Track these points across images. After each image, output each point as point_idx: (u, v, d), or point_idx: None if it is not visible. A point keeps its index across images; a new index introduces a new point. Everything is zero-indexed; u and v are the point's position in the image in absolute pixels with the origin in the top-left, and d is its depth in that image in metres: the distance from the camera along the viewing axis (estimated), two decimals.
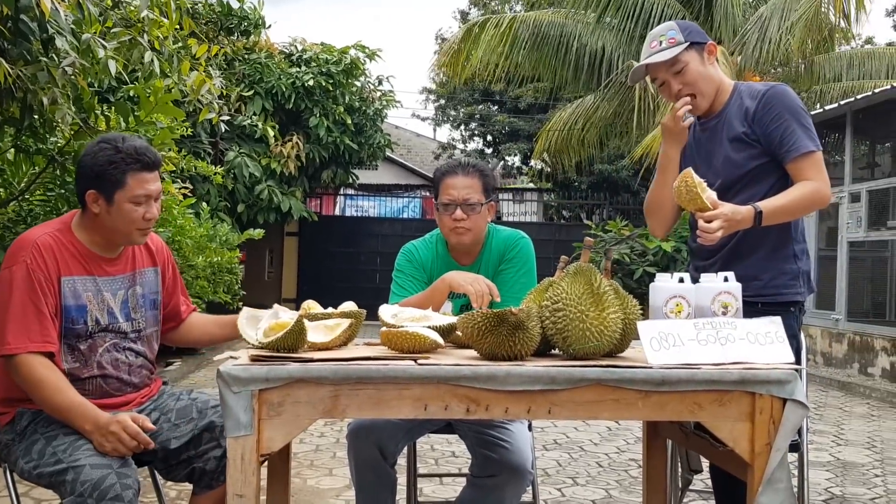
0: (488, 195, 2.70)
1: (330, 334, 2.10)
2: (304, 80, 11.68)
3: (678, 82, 2.52)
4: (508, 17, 11.40)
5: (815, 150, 2.46)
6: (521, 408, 1.90)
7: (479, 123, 22.79)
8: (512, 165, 23.38)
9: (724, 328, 2.04)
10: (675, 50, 2.48)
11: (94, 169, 2.22)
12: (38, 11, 3.43)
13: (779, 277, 2.47)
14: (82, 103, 4.35)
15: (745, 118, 2.51)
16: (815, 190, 2.43)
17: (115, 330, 2.32)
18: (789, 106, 2.47)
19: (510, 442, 2.54)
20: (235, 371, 1.82)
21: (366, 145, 12.93)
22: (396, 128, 27.72)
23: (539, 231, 16.01)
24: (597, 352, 1.99)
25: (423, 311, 2.27)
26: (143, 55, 4.17)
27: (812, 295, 9.33)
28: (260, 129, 11.08)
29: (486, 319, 1.95)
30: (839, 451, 5.13)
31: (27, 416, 2.21)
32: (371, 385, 1.86)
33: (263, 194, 11.40)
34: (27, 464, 2.14)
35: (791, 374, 1.91)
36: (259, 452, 1.83)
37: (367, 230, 14.89)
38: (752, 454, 1.93)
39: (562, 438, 5.32)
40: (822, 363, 9.31)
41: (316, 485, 4.05)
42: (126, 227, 2.26)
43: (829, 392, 7.89)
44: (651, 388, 1.90)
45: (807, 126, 2.47)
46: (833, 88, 11.70)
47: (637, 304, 2.13)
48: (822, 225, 9.84)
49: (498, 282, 2.69)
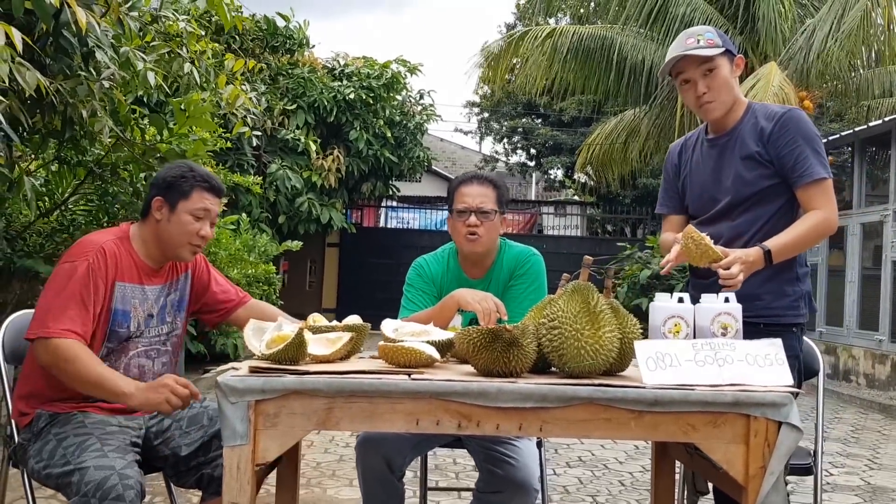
0: (501, 207, 2.73)
1: (331, 347, 2.15)
2: (346, 94, 11.84)
3: (705, 84, 2.51)
4: (548, 30, 11.36)
5: (827, 178, 2.47)
6: (512, 425, 1.91)
7: (523, 137, 22.80)
8: (554, 178, 23.32)
9: (723, 349, 2.03)
10: (714, 50, 2.49)
11: (166, 180, 2.44)
12: (76, 27, 3.56)
13: (781, 299, 2.46)
14: (119, 116, 4.49)
15: (759, 138, 2.50)
16: (822, 221, 2.43)
17: (151, 335, 2.44)
18: (804, 131, 2.48)
19: (516, 458, 2.55)
20: (232, 382, 1.87)
21: (405, 159, 13.04)
22: (441, 140, 27.90)
23: (580, 245, 15.94)
24: (592, 370, 2.00)
25: (423, 325, 2.30)
26: (183, 66, 4.30)
27: (855, 314, 9.09)
28: (302, 143, 11.26)
29: (481, 335, 1.97)
30: (871, 476, 5.01)
31: (44, 418, 2.30)
32: (364, 398, 1.89)
33: (304, 206, 11.56)
34: (37, 464, 2.22)
35: (786, 396, 1.90)
36: (254, 462, 1.88)
37: (406, 241, 14.98)
38: (747, 477, 1.91)
39: (586, 456, 5.28)
40: (864, 384, 9.09)
41: (335, 495, 4.09)
42: (180, 238, 2.42)
43: (870, 415, 7.70)
44: (644, 408, 1.90)
45: (819, 153, 2.48)
46: (882, 104, 11.46)
47: (637, 323, 2.13)
48: (868, 244, 9.62)
49: (507, 297, 2.71)
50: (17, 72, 3.09)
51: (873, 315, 9.08)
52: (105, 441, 2.21)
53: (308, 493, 4.11)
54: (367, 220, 16.51)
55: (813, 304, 2.56)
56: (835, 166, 10.84)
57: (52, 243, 5.33)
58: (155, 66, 4.11)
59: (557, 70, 11.46)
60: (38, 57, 3.74)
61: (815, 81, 10.52)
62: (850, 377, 9.40)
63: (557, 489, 4.39)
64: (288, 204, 11.50)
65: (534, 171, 23.92)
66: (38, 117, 3.97)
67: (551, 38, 11.15)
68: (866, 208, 9.48)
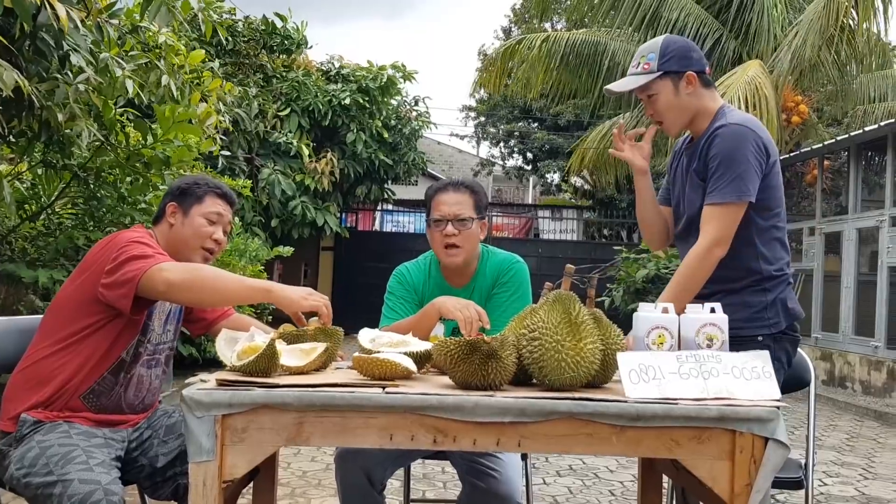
0: (480, 213, 2.65)
1: (305, 358, 2.08)
2: (341, 98, 11.78)
3: (650, 108, 2.52)
4: (542, 37, 11.38)
5: (727, 203, 2.34)
6: (489, 439, 1.85)
7: (519, 140, 22.76)
8: (551, 182, 23.27)
9: (708, 362, 1.96)
10: (641, 79, 2.46)
11: (180, 187, 2.50)
12: (57, 28, 3.50)
13: (742, 310, 2.38)
14: (103, 120, 4.43)
15: (698, 154, 2.46)
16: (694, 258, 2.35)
17: (155, 343, 2.42)
18: (726, 149, 2.36)
19: (499, 471, 2.49)
20: (198, 395, 1.80)
21: (401, 162, 12.98)
22: (439, 143, 27.86)
23: (574, 249, 15.89)
24: (573, 383, 1.93)
25: (402, 336, 2.23)
26: (161, 78, 4.25)
27: (851, 320, 9.02)
28: (295, 147, 11.19)
29: (458, 347, 1.91)
30: (865, 486, 4.95)
31: (28, 424, 2.22)
32: (336, 413, 1.82)
33: (297, 210, 11.49)
34: (18, 470, 2.15)
35: (773, 412, 1.83)
36: (221, 479, 1.81)
37: (401, 245, 14.89)
38: (732, 494, 1.84)
39: (577, 464, 5.22)
40: (860, 391, 9.03)
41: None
42: (194, 241, 2.43)
43: (865, 422, 7.63)
44: (625, 422, 1.84)
45: (739, 174, 2.34)
46: (877, 109, 11.43)
47: (620, 334, 2.07)
48: (864, 249, 9.56)
49: (491, 306, 2.65)
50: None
51: (869, 321, 9.03)
52: (91, 454, 2.15)
53: (291, 503, 4.03)
54: (362, 224, 16.44)
55: (793, 310, 2.46)
56: (831, 171, 10.79)
57: (35, 248, 5.26)
58: (133, 76, 4.06)
59: (553, 75, 11.46)
60: (15, 59, 3.68)
61: (806, 84, 10.49)
62: (845, 384, 9.34)
63: (546, 499, 4.32)
64: (281, 207, 11.43)
65: (530, 175, 23.87)
66: (16, 121, 3.91)
67: (546, 43, 11.14)
68: (862, 213, 9.43)
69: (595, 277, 2.13)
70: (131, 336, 2.32)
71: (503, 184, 27.32)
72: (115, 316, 2.27)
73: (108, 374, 2.30)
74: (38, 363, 2.27)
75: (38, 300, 4.98)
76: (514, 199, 25.71)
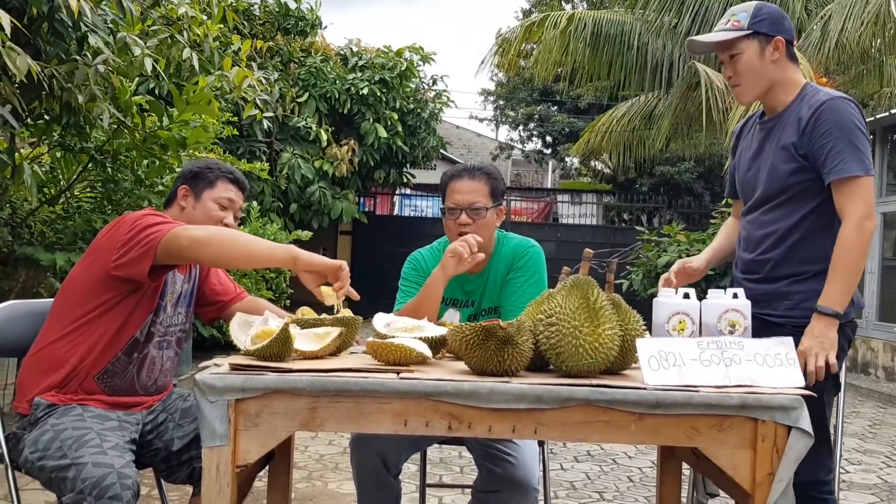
0: (496, 200, 2.59)
1: (319, 343, 2.06)
2: (360, 88, 11.73)
3: (731, 68, 2.41)
4: (567, 15, 11.15)
5: (859, 175, 2.24)
6: (505, 426, 1.82)
7: (538, 124, 22.60)
8: (571, 166, 23.13)
9: (730, 348, 1.92)
10: (729, 34, 2.37)
11: (192, 170, 2.50)
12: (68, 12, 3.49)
13: (812, 299, 2.26)
14: (119, 102, 4.42)
15: (797, 128, 2.33)
16: (848, 237, 2.23)
17: (167, 324, 2.40)
18: (842, 122, 2.26)
19: (516, 457, 2.46)
20: (211, 380, 1.78)
21: (419, 147, 12.92)
22: (457, 128, 27.75)
23: (594, 234, 15.77)
24: (591, 369, 1.90)
25: (417, 321, 2.20)
26: (182, 52, 4.22)
27: (875, 306, 8.86)
28: (314, 131, 11.17)
29: (473, 333, 1.87)
30: (888, 474, 4.88)
31: (42, 407, 2.22)
32: (349, 398, 1.80)
33: (315, 195, 11.46)
34: (32, 454, 2.14)
35: (796, 399, 1.79)
36: (234, 464, 1.80)
37: (419, 230, 14.85)
38: (753, 484, 1.81)
39: (595, 450, 5.18)
40: (883, 378, 8.92)
41: (336, 489, 4.01)
42: (205, 224, 2.39)
43: (888, 409, 7.54)
44: (644, 410, 1.80)
45: (858, 147, 2.26)
46: None
47: (640, 320, 2.02)
48: (888, 233, 9.42)
49: (506, 291, 2.61)
50: (6, 56, 3.02)
51: (893, 307, 8.90)
52: (104, 437, 2.14)
53: (308, 486, 4.04)
54: (381, 208, 16.41)
55: (857, 301, 2.36)
56: None
57: (54, 231, 5.28)
58: (154, 52, 4.03)
59: (574, 56, 11.27)
60: (34, 41, 3.67)
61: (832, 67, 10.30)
62: (868, 370, 9.23)
63: (564, 485, 4.30)
64: (299, 192, 11.42)
65: (550, 159, 23.73)
66: (37, 103, 3.91)
67: (571, 24, 10.95)
68: (887, 197, 9.28)
69: (614, 262, 2.09)
70: (144, 314, 2.30)
71: (522, 168, 27.17)
72: (129, 293, 2.25)
73: (121, 354, 2.29)
74: (51, 346, 2.26)
75: (58, 283, 5.00)
76: (534, 183, 25.59)
